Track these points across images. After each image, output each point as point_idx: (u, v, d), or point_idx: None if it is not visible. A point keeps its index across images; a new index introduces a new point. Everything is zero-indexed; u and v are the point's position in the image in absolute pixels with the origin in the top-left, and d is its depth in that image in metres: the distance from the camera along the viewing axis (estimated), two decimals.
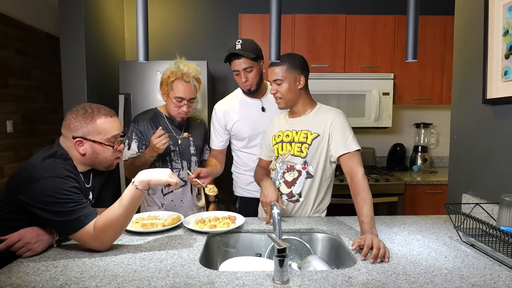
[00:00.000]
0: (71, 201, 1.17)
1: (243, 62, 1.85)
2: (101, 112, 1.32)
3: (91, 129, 1.29)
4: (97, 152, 1.31)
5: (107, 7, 2.95)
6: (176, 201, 1.93)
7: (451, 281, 1.03)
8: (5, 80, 3.07)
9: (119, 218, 1.21)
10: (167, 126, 1.91)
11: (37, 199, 1.16)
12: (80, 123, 1.28)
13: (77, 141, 1.28)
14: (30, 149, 3.38)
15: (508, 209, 1.27)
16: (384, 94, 2.97)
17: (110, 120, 1.33)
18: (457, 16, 1.82)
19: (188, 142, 1.95)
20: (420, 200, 2.83)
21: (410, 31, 1.05)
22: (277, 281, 1.01)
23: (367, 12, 3.14)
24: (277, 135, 1.75)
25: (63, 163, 1.25)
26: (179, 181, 1.34)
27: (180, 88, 1.80)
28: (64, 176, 1.20)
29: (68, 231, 1.18)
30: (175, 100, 1.81)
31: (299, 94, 1.67)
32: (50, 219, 1.18)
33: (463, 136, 1.76)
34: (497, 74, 1.48)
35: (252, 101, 2.00)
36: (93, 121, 1.29)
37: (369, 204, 1.39)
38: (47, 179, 1.16)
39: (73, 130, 1.28)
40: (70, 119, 1.29)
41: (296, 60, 1.64)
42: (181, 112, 1.84)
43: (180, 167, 1.92)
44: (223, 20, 3.31)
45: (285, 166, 1.69)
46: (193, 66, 1.86)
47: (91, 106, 1.33)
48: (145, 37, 1.05)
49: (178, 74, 1.80)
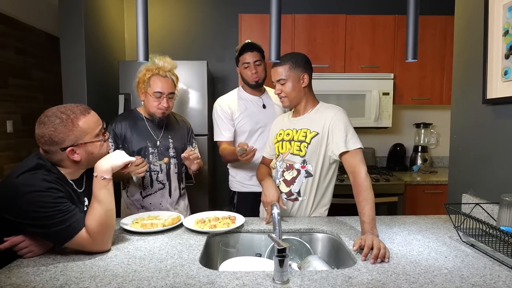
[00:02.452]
0: (59, 212, 1.14)
1: (255, 55, 2.07)
2: (77, 113, 1.24)
3: (78, 134, 1.22)
4: (91, 152, 1.28)
5: (107, 7, 2.95)
6: (155, 204, 1.88)
7: (451, 281, 1.03)
8: (5, 80, 3.07)
9: (106, 213, 1.21)
10: (145, 127, 1.87)
11: (24, 216, 1.12)
12: (64, 134, 1.20)
13: (70, 151, 1.23)
14: (30, 149, 3.38)
15: (508, 209, 1.27)
16: (384, 94, 2.96)
17: (89, 118, 1.26)
18: (457, 16, 1.82)
19: (167, 143, 1.89)
20: (420, 200, 2.83)
21: (410, 31, 1.05)
22: (277, 281, 1.01)
23: (367, 12, 3.14)
24: (279, 133, 1.75)
25: (45, 174, 1.19)
26: (134, 158, 1.36)
27: (158, 83, 1.78)
28: (46, 189, 1.15)
29: (63, 239, 1.17)
30: (154, 96, 1.78)
31: (303, 92, 1.67)
32: (41, 233, 1.16)
33: (463, 136, 1.76)
34: (497, 74, 1.48)
35: (253, 98, 2.15)
36: (75, 125, 1.22)
37: (370, 204, 1.39)
38: (29, 194, 1.12)
39: (59, 144, 1.21)
40: (50, 134, 1.19)
41: (298, 59, 1.65)
42: (161, 107, 1.80)
43: (158, 169, 1.86)
44: (223, 20, 3.31)
45: (285, 164, 1.69)
46: (168, 59, 1.83)
47: (62, 111, 1.22)
48: (145, 37, 1.05)
49: (154, 70, 1.78)
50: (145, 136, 1.85)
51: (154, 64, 1.80)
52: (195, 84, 2.67)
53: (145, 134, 1.85)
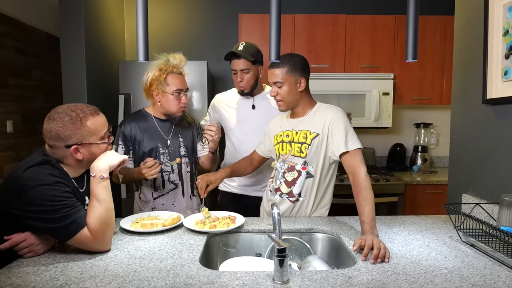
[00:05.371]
0: (65, 206, 1.16)
1: (241, 63, 1.97)
2: (87, 113, 1.26)
3: (84, 133, 1.24)
4: (94, 153, 1.29)
5: (107, 7, 2.95)
6: (168, 205, 1.86)
7: (451, 281, 1.03)
8: (5, 80, 3.07)
9: (106, 212, 1.22)
10: (155, 127, 1.84)
11: (30, 210, 1.13)
12: (71, 131, 1.22)
13: (74, 149, 1.24)
14: (30, 149, 3.38)
15: (508, 209, 1.27)
16: (384, 94, 2.97)
17: (98, 119, 1.29)
18: (457, 16, 1.82)
19: (177, 143, 1.87)
20: (420, 200, 2.83)
21: (410, 31, 1.05)
22: (277, 281, 1.01)
23: (367, 12, 3.14)
24: (279, 135, 1.75)
25: (50, 169, 1.21)
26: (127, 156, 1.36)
27: (176, 81, 1.76)
28: (53, 183, 1.17)
29: (66, 236, 1.17)
30: (174, 95, 1.76)
31: (299, 96, 1.66)
32: (46, 227, 1.16)
33: (463, 136, 1.76)
34: (497, 74, 1.48)
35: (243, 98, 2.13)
36: (83, 125, 1.24)
37: (370, 204, 1.39)
38: (36, 188, 1.13)
39: (64, 140, 1.22)
40: (58, 130, 1.21)
41: (297, 62, 1.63)
42: (182, 105, 1.80)
43: (170, 169, 1.84)
44: (223, 20, 3.31)
45: (286, 166, 1.69)
46: (180, 56, 1.81)
47: (73, 109, 1.25)
48: (145, 37, 1.05)
49: (169, 68, 1.76)
50: (155, 137, 1.82)
51: (168, 62, 1.77)
52: (195, 84, 2.67)
53: (155, 135, 1.83)
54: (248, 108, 2.11)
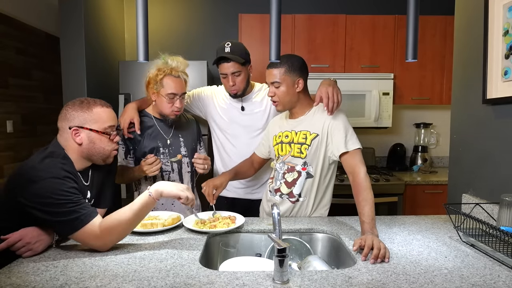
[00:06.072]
0: (70, 202, 1.17)
1: (232, 66, 1.86)
2: (98, 102, 1.35)
3: (88, 117, 1.31)
4: (94, 141, 1.32)
5: (107, 7, 2.95)
6: (167, 204, 1.85)
7: (451, 281, 1.03)
8: (5, 80, 3.07)
9: (127, 222, 1.23)
10: (155, 127, 1.83)
11: (36, 201, 1.16)
12: (76, 112, 1.30)
13: (74, 130, 1.29)
14: (30, 149, 3.38)
15: (508, 209, 1.27)
16: (384, 94, 2.97)
17: (106, 110, 1.36)
18: (457, 16, 1.82)
19: (178, 143, 1.87)
20: (420, 200, 2.83)
21: (410, 31, 1.05)
22: (277, 281, 1.01)
23: (367, 12, 3.14)
24: (278, 135, 1.74)
25: (62, 162, 1.25)
26: (193, 197, 1.34)
27: (171, 84, 1.73)
28: (63, 177, 1.20)
29: (68, 231, 1.18)
30: (167, 98, 1.74)
31: (297, 97, 1.66)
32: (49, 220, 1.18)
33: (463, 136, 1.76)
34: (497, 74, 1.48)
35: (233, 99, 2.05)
36: (90, 109, 1.31)
37: (370, 204, 1.39)
38: (45, 180, 1.16)
39: (69, 120, 1.30)
40: (66, 110, 1.31)
41: (295, 62, 1.62)
42: (175, 109, 1.77)
43: (170, 169, 1.83)
44: (223, 20, 3.31)
45: (286, 166, 1.69)
46: (181, 59, 1.78)
47: (88, 98, 1.36)
48: (145, 37, 1.05)
49: (166, 70, 1.73)
50: (156, 137, 1.82)
51: (167, 64, 1.75)
52: (195, 84, 2.66)
53: (156, 135, 1.82)
54: (237, 110, 2.03)
